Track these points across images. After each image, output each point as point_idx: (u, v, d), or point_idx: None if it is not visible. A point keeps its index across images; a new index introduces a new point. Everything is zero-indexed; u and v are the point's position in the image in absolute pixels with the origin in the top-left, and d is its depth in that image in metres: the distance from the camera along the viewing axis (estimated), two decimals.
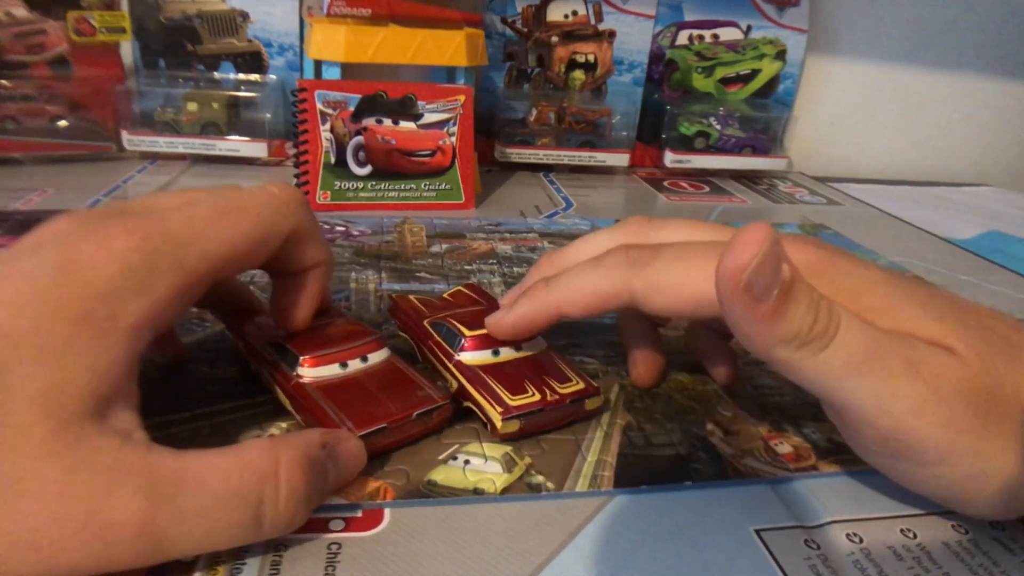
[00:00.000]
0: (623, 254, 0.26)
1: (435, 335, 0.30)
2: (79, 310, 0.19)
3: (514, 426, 0.26)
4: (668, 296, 0.25)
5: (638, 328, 0.32)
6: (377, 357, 0.28)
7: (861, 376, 0.21)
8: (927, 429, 0.21)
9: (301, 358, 0.26)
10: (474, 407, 0.27)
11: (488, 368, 0.28)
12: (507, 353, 0.29)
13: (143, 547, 0.18)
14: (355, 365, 0.27)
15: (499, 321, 0.28)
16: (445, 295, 0.34)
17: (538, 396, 0.27)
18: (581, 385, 0.28)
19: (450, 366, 0.28)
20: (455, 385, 0.28)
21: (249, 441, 0.21)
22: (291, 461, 0.21)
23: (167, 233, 0.21)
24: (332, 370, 0.27)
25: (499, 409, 0.26)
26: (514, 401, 0.26)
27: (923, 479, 0.23)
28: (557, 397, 0.27)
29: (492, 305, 0.32)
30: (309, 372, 0.26)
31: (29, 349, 0.18)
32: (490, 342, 0.29)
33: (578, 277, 0.27)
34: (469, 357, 0.28)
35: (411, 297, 0.34)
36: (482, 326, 0.29)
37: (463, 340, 0.29)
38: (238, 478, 0.20)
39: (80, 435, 0.18)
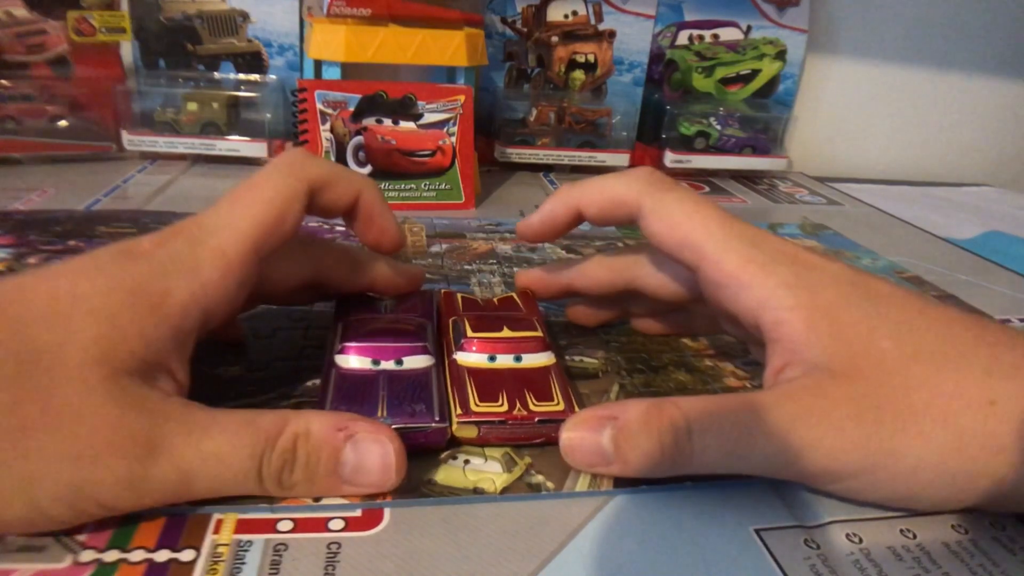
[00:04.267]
0: (648, 172, 0.29)
1: (450, 332, 0.30)
2: (133, 284, 0.22)
3: (471, 432, 0.26)
4: (664, 225, 0.27)
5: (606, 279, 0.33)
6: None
7: (740, 457, 0.23)
8: (823, 460, 0.22)
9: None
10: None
11: (477, 372, 0.28)
12: (504, 361, 0.28)
13: (173, 479, 0.21)
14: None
15: (528, 221, 0.31)
16: (494, 299, 0.34)
17: (505, 407, 0.26)
18: (560, 407, 0.26)
19: (446, 363, 0.29)
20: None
21: (270, 410, 0.23)
22: (292, 431, 0.22)
23: (202, 224, 0.24)
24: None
25: (459, 411, 0.26)
26: (478, 407, 0.26)
27: (862, 492, 0.24)
28: (524, 414, 0.26)
29: (532, 315, 0.31)
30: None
31: (89, 307, 0.21)
32: (490, 348, 0.29)
33: (600, 180, 0.29)
34: (464, 357, 0.29)
35: (459, 295, 0.34)
36: (491, 330, 0.29)
37: (463, 340, 0.29)
38: (250, 432, 0.22)
39: (130, 385, 0.21)
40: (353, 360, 0.27)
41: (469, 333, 0.29)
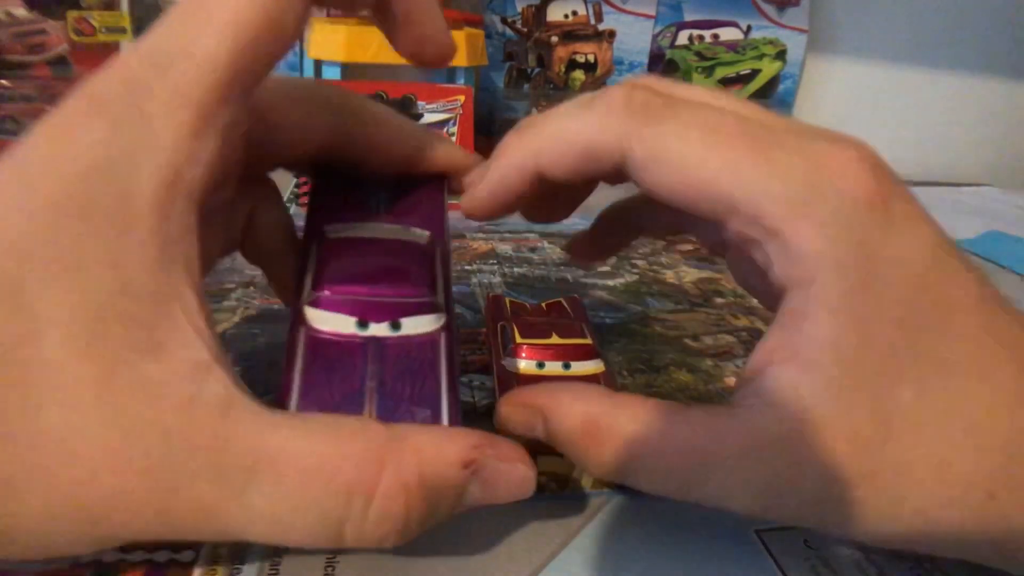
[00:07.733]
0: (625, 96, 0.19)
1: (498, 337, 0.29)
2: (80, 199, 0.15)
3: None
4: (670, 175, 0.18)
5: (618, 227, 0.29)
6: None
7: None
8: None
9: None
10: None
11: (525, 378, 0.26)
12: (553, 368, 0.27)
13: (207, 532, 0.15)
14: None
15: (473, 195, 0.22)
16: (543, 304, 0.33)
17: None
18: None
19: (494, 367, 0.28)
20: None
21: (359, 425, 0.16)
22: (398, 481, 0.16)
23: (150, 57, 0.15)
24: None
25: None
26: None
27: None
28: None
29: (580, 320, 0.30)
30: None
31: (39, 261, 0.14)
32: (538, 354, 0.27)
33: (560, 120, 0.20)
34: (512, 363, 0.27)
35: (507, 299, 0.32)
36: (540, 336, 0.28)
37: (512, 346, 0.28)
38: (322, 485, 0.15)
39: (132, 381, 0.14)
40: (330, 317, 0.19)
41: (518, 339, 0.28)
